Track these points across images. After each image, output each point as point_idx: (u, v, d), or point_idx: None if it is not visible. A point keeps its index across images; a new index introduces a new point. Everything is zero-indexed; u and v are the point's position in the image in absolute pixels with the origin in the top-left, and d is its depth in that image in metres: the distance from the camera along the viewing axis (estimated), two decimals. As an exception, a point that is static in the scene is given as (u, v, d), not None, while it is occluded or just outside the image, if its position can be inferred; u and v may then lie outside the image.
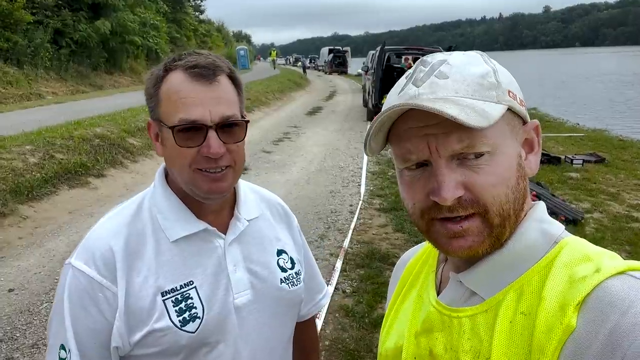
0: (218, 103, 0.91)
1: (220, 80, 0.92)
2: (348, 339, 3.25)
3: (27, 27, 16.21)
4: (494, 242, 0.64)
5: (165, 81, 0.92)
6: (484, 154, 0.61)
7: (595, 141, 10.57)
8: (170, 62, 0.93)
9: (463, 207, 0.62)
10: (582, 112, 16.75)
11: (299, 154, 9.37)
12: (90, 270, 0.90)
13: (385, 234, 5.11)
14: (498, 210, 0.62)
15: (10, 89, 14.61)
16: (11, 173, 5.79)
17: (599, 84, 31.33)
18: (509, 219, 0.63)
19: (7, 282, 4.01)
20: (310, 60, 56.34)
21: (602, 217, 5.68)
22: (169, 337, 0.91)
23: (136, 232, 0.95)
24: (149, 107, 0.97)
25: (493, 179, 0.61)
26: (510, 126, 0.64)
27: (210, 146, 0.89)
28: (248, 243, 1.04)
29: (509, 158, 0.63)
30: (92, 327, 0.90)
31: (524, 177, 0.65)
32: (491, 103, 0.61)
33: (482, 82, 0.62)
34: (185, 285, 0.94)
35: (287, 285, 1.07)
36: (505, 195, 0.62)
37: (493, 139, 0.61)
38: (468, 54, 0.67)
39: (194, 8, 41.24)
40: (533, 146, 0.68)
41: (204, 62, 0.92)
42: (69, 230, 5.13)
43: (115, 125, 8.73)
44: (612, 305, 0.54)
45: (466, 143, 0.60)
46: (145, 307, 0.90)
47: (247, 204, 1.07)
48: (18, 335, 3.30)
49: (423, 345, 0.71)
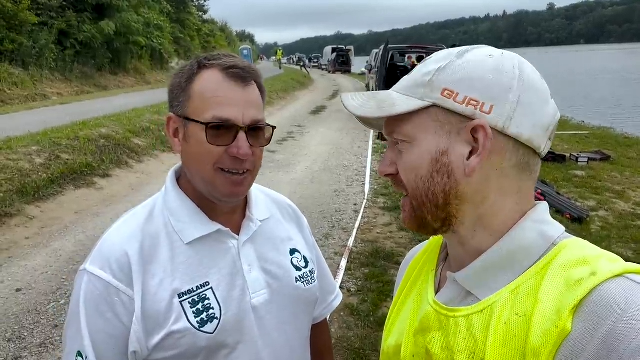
0: (250, 106, 0.92)
1: (254, 85, 0.95)
2: (353, 337, 3.25)
3: (32, 28, 16.29)
4: (420, 224, 0.70)
5: (199, 78, 0.92)
6: (402, 141, 0.69)
7: (600, 139, 10.52)
8: (205, 60, 0.94)
9: (395, 184, 0.72)
10: (587, 110, 16.68)
11: (303, 153, 9.38)
12: (106, 275, 0.90)
13: (389, 233, 5.11)
14: (413, 194, 0.69)
15: (16, 90, 14.71)
16: (18, 174, 5.83)
17: (604, 81, 31.14)
18: (424, 206, 0.68)
19: (14, 281, 4.04)
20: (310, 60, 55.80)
21: (607, 215, 5.66)
22: (187, 338, 0.90)
23: (150, 236, 0.95)
24: (173, 102, 0.96)
25: (406, 165, 0.69)
26: (439, 122, 0.66)
27: (240, 147, 0.90)
28: (261, 243, 1.04)
29: (423, 151, 0.66)
30: (109, 332, 0.90)
31: (447, 174, 0.65)
32: (412, 99, 0.67)
33: (418, 79, 0.68)
34: (201, 286, 0.94)
35: (303, 284, 1.07)
36: (415, 182, 0.68)
37: (407, 130, 0.68)
38: (450, 50, 0.70)
39: (197, 8, 41.34)
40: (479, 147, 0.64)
41: (242, 64, 0.93)
42: (75, 230, 5.16)
43: (120, 125, 8.77)
44: (608, 309, 0.54)
45: (389, 130, 0.71)
46: (162, 310, 0.90)
47: (259, 205, 1.08)
48: (26, 334, 3.33)
49: (420, 344, 0.71)
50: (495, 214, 0.66)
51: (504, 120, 0.63)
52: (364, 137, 10.83)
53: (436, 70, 0.67)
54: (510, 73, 0.64)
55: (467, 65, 0.65)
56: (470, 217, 0.67)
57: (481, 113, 0.63)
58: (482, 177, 0.65)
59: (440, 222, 0.68)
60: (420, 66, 0.71)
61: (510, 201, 0.66)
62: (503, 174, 0.65)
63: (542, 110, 0.66)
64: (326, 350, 1.31)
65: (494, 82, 0.64)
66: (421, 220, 0.69)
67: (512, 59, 0.66)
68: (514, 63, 0.66)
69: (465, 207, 0.66)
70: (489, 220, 0.66)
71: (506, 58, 0.66)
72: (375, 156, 8.81)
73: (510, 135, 0.64)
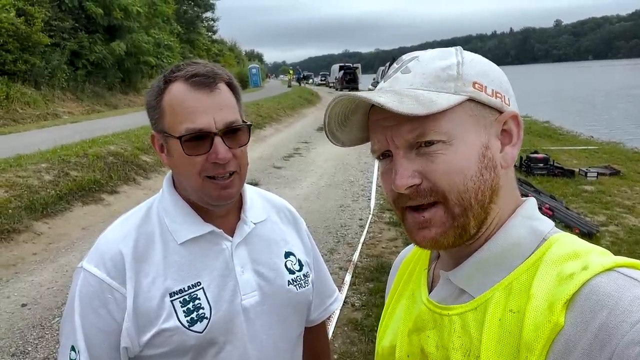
0: (221, 110, 0.93)
1: (221, 88, 0.95)
2: (357, 352, 3.21)
3: (44, 49, 16.67)
4: (459, 234, 0.64)
5: (166, 93, 0.94)
6: (438, 142, 0.62)
7: (609, 154, 10.44)
8: (169, 74, 0.96)
9: (422, 195, 0.63)
10: (597, 125, 16.59)
11: (309, 169, 9.41)
12: (101, 273, 0.93)
13: (394, 248, 5.08)
14: (457, 199, 0.62)
15: (28, 109, 14.99)
16: (27, 190, 5.90)
17: (614, 97, 31.02)
18: (471, 209, 0.63)
19: (20, 297, 4.06)
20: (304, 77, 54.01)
21: (617, 230, 5.58)
22: (177, 336, 0.92)
23: (145, 236, 0.98)
24: (151, 120, 0.99)
25: (448, 167, 0.62)
26: (475, 117, 0.64)
27: (217, 152, 0.92)
28: (255, 245, 1.06)
29: (468, 147, 0.63)
30: (101, 328, 0.92)
31: (493, 169, 0.64)
32: (446, 94, 0.63)
33: (441, 74, 0.64)
34: (193, 286, 0.96)
35: (295, 287, 1.07)
36: (464, 184, 0.62)
37: (447, 128, 0.62)
38: (442, 49, 0.69)
39: (207, 28, 42.09)
40: (512, 137, 0.67)
41: (204, 70, 0.94)
42: (82, 246, 5.19)
43: (129, 142, 8.87)
44: (600, 303, 0.54)
45: (418, 132, 0.62)
46: (153, 308, 0.92)
47: (254, 208, 1.09)
48: (30, 349, 3.33)
49: (415, 343, 0.71)
50: (503, 208, 0.67)
51: (516, 110, 0.67)
52: (370, 153, 10.82)
53: (457, 63, 0.65)
54: (497, 66, 0.68)
55: (477, 61, 0.67)
56: (492, 214, 0.66)
57: (506, 105, 0.66)
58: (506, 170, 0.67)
59: (478, 224, 0.64)
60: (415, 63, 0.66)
61: (513, 194, 0.68)
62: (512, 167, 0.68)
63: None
64: (323, 354, 1.31)
65: (501, 77, 0.67)
66: (462, 228, 0.63)
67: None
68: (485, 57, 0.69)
69: (495, 204, 0.65)
70: (494, 216, 0.66)
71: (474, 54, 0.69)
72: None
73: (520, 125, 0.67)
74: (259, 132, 13.88)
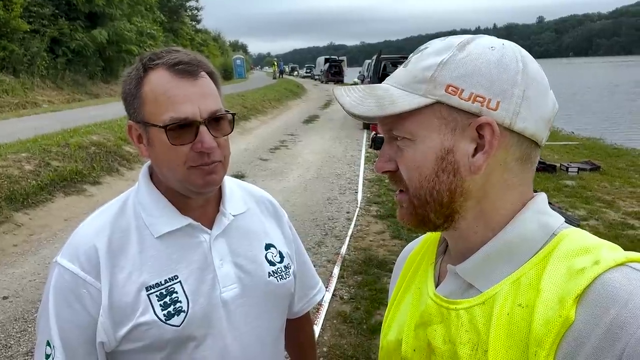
0: (205, 98, 0.91)
1: (204, 76, 0.93)
2: (346, 345, 3.23)
3: (23, 36, 16.23)
4: (421, 221, 0.68)
5: (147, 81, 0.91)
6: (403, 138, 0.66)
7: (590, 149, 10.64)
8: (149, 62, 0.92)
9: (393, 180, 0.70)
10: (577, 121, 16.89)
11: (295, 161, 9.37)
12: (74, 267, 0.92)
13: (382, 241, 5.10)
14: (414, 193, 0.67)
15: (6, 97, 14.60)
16: (6, 180, 5.76)
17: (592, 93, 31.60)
18: (428, 204, 0.66)
19: (1, 289, 3.97)
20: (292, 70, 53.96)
21: (598, 224, 5.70)
22: (153, 330, 0.91)
23: (120, 229, 0.96)
24: (129, 109, 0.95)
25: (409, 163, 0.66)
26: (443, 119, 0.63)
27: (203, 141, 0.89)
28: (235, 237, 1.04)
29: (428, 149, 0.64)
30: (76, 323, 0.91)
31: (453, 172, 0.64)
32: (415, 95, 0.64)
33: (418, 75, 0.65)
34: (169, 280, 0.95)
35: (276, 279, 1.06)
36: (419, 181, 0.66)
37: (410, 128, 0.65)
38: (448, 42, 0.66)
39: (190, 18, 41.46)
40: (484, 144, 0.63)
41: (187, 58, 0.91)
42: (64, 238, 5.07)
43: (112, 132, 8.71)
44: (611, 297, 0.54)
45: (387, 127, 0.68)
46: (129, 302, 0.91)
47: (233, 199, 1.07)
48: (12, 342, 3.27)
49: (422, 337, 0.71)
50: (498, 207, 0.66)
51: (510, 116, 0.62)
52: (357, 146, 10.86)
53: (438, 64, 0.63)
54: (514, 67, 0.63)
55: (470, 59, 0.63)
56: (473, 212, 0.66)
57: (488, 109, 0.62)
58: (486, 172, 0.64)
59: (443, 218, 0.67)
60: (416, 57, 0.67)
61: (512, 193, 0.66)
62: (507, 168, 0.65)
63: (545, 102, 0.65)
64: (308, 345, 1.31)
65: (499, 77, 0.62)
66: (422, 217, 0.67)
67: (514, 51, 0.64)
68: (516, 56, 0.64)
69: (468, 203, 0.65)
70: (491, 213, 0.66)
71: (508, 50, 0.64)
72: (368, 165, 8.82)
73: (515, 130, 0.63)
74: (244, 124, 13.76)
